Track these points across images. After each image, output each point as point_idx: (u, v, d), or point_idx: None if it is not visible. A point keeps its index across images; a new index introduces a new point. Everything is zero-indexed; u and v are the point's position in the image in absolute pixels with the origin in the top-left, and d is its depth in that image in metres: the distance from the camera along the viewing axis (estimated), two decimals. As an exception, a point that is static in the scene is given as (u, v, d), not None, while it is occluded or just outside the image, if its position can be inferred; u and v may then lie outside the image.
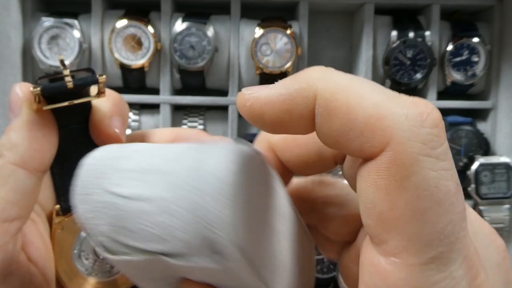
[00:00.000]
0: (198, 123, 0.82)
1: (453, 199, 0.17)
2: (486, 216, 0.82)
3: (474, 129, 0.84)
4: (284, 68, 0.79)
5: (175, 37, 0.78)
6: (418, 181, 0.16)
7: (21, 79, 0.79)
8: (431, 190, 0.16)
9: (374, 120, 0.17)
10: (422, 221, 0.16)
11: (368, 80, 0.19)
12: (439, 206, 0.16)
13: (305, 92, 0.19)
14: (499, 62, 0.86)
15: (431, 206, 0.16)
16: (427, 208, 0.16)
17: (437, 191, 0.16)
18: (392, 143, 0.17)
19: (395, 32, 0.82)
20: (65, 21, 0.78)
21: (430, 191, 0.16)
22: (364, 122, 0.17)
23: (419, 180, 0.16)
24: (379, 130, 0.17)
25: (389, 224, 0.17)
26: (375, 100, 0.17)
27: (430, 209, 0.16)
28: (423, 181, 0.16)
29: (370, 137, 0.17)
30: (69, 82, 0.24)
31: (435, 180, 0.16)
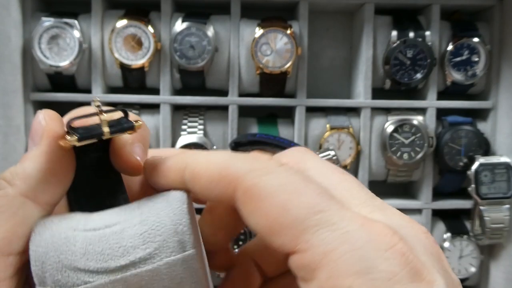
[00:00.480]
0: (198, 123, 0.82)
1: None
2: (486, 216, 0.82)
3: (474, 129, 0.84)
4: (284, 68, 0.79)
5: (175, 37, 0.78)
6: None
7: (21, 79, 0.79)
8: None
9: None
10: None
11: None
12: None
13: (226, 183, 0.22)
14: (499, 62, 0.86)
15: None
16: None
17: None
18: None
19: (395, 32, 0.82)
20: (65, 21, 0.78)
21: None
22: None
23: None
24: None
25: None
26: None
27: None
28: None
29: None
30: (107, 132, 0.24)
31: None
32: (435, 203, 0.86)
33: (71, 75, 0.80)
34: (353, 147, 0.83)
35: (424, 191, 0.86)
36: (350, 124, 0.83)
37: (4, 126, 0.74)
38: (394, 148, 0.82)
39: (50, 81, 0.82)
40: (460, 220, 0.87)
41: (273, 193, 0.20)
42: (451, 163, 0.83)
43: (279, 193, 0.20)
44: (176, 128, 0.83)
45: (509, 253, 0.85)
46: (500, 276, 0.86)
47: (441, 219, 0.88)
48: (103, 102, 0.81)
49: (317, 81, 0.90)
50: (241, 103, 0.82)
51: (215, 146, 0.82)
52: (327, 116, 0.85)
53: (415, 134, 0.82)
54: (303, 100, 0.83)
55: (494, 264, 0.88)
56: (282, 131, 0.84)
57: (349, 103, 0.85)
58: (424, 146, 0.82)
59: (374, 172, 0.85)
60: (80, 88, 0.83)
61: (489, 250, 0.88)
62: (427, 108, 0.84)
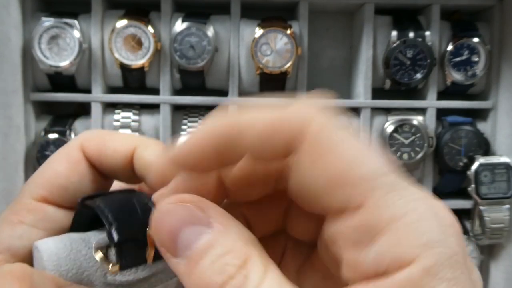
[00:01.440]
0: (198, 123, 0.82)
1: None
2: (486, 216, 0.82)
3: (474, 129, 0.84)
4: (284, 68, 0.79)
5: (175, 37, 0.78)
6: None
7: (21, 79, 0.79)
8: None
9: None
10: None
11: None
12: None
13: (294, 123, 0.19)
14: (499, 62, 0.86)
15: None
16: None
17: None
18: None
19: (395, 32, 0.82)
20: (65, 21, 0.78)
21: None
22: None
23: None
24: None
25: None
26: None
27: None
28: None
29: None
30: (150, 259, 0.23)
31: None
32: (435, 203, 0.86)
33: (71, 75, 0.80)
34: (353, 147, 0.83)
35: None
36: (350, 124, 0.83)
37: (4, 126, 0.74)
38: (394, 148, 0.82)
39: (50, 81, 0.82)
40: (460, 220, 0.87)
41: (346, 142, 0.18)
42: (451, 163, 0.83)
43: (351, 144, 0.19)
44: (176, 128, 0.83)
45: (509, 253, 0.85)
46: (500, 276, 0.86)
47: (441, 219, 0.88)
48: (103, 102, 0.81)
49: (317, 81, 0.90)
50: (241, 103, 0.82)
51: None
52: (327, 116, 0.84)
53: (415, 134, 0.82)
54: (303, 100, 0.83)
55: (494, 264, 0.88)
56: (282, 131, 0.84)
57: (349, 103, 0.85)
58: (424, 146, 0.82)
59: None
60: (80, 88, 0.83)
61: (489, 250, 0.88)
62: (427, 108, 0.84)
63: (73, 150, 0.25)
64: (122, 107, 0.82)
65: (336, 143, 0.18)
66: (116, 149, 0.25)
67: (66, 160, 0.25)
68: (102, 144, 0.25)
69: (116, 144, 0.25)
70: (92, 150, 0.25)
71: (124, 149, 0.25)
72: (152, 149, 0.25)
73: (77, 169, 0.25)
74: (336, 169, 0.18)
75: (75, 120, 0.82)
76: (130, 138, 0.26)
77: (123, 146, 0.25)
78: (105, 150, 0.25)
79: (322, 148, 0.18)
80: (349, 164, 0.18)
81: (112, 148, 0.25)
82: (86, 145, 0.25)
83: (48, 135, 0.79)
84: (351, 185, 0.18)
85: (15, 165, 0.76)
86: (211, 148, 0.20)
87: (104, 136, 0.26)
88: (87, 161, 0.25)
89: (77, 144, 0.25)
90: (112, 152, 0.25)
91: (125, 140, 0.25)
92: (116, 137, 0.26)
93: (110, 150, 0.25)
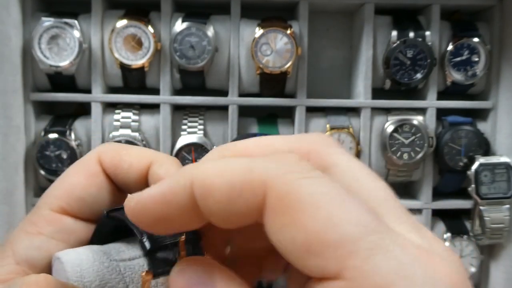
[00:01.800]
0: (198, 123, 0.82)
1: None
2: (486, 216, 0.82)
3: (474, 129, 0.84)
4: (284, 68, 0.79)
5: (175, 37, 0.78)
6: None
7: (21, 79, 0.79)
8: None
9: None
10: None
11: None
12: None
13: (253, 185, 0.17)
14: (499, 62, 0.86)
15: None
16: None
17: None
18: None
19: (395, 32, 0.82)
20: (65, 21, 0.78)
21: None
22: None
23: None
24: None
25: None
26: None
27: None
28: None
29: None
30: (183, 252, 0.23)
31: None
32: (435, 203, 0.86)
33: (71, 75, 0.80)
34: (353, 147, 0.83)
35: (424, 191, 0.86)
36: (350, 124, 0.83)
37: (4, 126, 0.74)
38: (394, 148, 0.82)
39: (50, 81, 0.82)
40: (460, 220, 0.87)
41: (317, 202, 0.16)
42: (451, 163, 0.83)
43: (323, 202, 0.16)
44: (176, 128, 0.83)
45: (509, 253, 0.85)
46: (500, 276, 0.86)
47: (441, 219, 0.88)
48: (103, 102, 0.81)
49: (317, 81, 0.90)
50: (241, 103, 0.82)
51: (215, 146, 0.82)
52: (327, 116, 0.85)
53: (415, 134, 0.82)
54: (303, 100, 0.83)
55: (494, 264, 0.88)
56: (282, 131, 0.84)
57: (349, 103, 0.85)
58: (424, 146, 0.82)
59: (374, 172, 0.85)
60: (80, 88, 0.83)
61: (489, 250, 0.88)
62: (427, 108, 0.84)
63: (91, 163, 0.25)
64: (122, 107, 0.82)
65: (306, 201, 0.16)
66: (132, 164, 0.25)
67: (84, 172, 0.25)
68: (118, 158, 0.25)
69: (132, 159, 0.25)
70: (108, 163, 0.25)
71: (140, 165, 0.25)
72: (166, 167, 0.25)
73: (95, 182, 0.25)
74: (307, 234, 0.16)
75: (75, 120, 0.82)
76: (145, 153, 0.25)
77: (139, 162, 0.25)
78: (121, 164, 0.25)
79: (290, 209, 0.16)
80: (321, 226, 0.16)
81: (128, 163, 0.25)
82: (103, 157, 0.25)
83: (48, 135, 0.79)
84: (325, 252, 0.16)
85: (15, 165, 0.76)
86: (166, 213, 0.19)
87: (120, 150, 0.26)
88: (104, 174, 0.25)
89: (94, 156, 0.26)
90: (128, 166, 0.25)
91: (141, 155, 0.25)
92: (132, 151, 0.26)
93: (126, 165, 0.25)
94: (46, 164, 0.79)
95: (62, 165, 0.79)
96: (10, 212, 0.75)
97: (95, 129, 0.81)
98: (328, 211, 0.16)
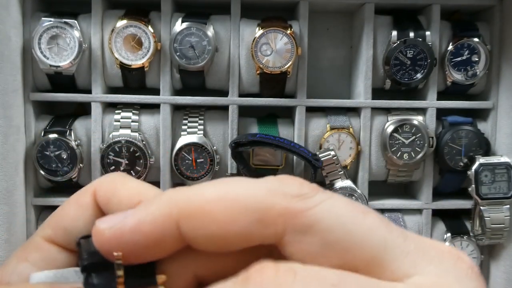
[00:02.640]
0: (198, 123, 0.82)
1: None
2: (486, 216, 0.82)
3: (474, 129, 0.84)
4: (284, 68, 0.79)
5: (175, 37, 0.78)
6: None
7: (21, 79, 0.79)
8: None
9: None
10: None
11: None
12: None
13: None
14: (499, 62, 0.86)
15: None
16: None
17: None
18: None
19: (395, 32, 0.82)
20: (65, 21, 0.78)
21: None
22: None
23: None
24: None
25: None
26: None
27: None
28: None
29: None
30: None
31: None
32: (435, 203, 0.86)
33: (71, 75, 0.80)
34: (353, 147, 0.83)
35: (424, 191, 0.86)
36: (350, 124, 0.83)
37: (4, 126, 0.73)
38: (394, 148, 0.82)
39: (50, 81, 0.82)
40: (460, 220, 0.87)
41: (339, 224, 0.19)
42: (451, 163, 0.83)
43: (345, 223, 0.19)
44: (176, 128, 0.83)
45: (509, 253, 0.85)
46: (500, 276, 0.86)
47: (441, 219, 0.88)
48: (103, 102, 0.81)
49: (317, 81, 0.90)
50: (241, 103, 0.82)
51: (215, 146, 0.82)
52: (327, 116, 0.85)
53: (415, 134, 0.82)
54: (303, 100, 0.83)
55: (494, 264, 0.88)
56: (282, 131, 0.84)
57: (349, 103, 0.85)
58: (424, 146, 0.82)
59: (374, 172, 0.85)
60: (80, 88, 0.83)
61: (489, 250, 0.88)
62: (427, 108, 0.84)
63: (84, 194, 0.25)
64: (122, 107, 0.82)
65: (332, 224, 0.18)
66: (121, 201, 0.24)
67: (75, 203, 0.25)
68: (111, 193, 0.24)
69: (122, 196, 0.24)
70: (101, 197, 0.25)
71: (129, 203, 0.24)
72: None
73: (84, 214, 0.25)
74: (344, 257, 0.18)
75: (75, 120, 0.82)
76: (139, 191, 0.24)
77: (129, 200, 0.24)
78: (112, 199, 0.24)
79: (320, 232, 0.18)
80: (352, 250, 0.18)
81: (118, 199, 0.24)
82: (98, 189, 0.25)
83: (48, 135, 0.79)
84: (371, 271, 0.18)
85: (15, 165, 0.76)
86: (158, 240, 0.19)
87: (116, 184, 0.25)
88: (96, 207, 0.25)
89: (90, 188, 0.25)
90: (118, 203, 0.24)
91: (132, 192, 0.24)
92: (127, 186, 0.25)
93: (116, 200, 0.24)
94: (46, 164, 0.79)
95: (62, 165, 0.79)
96: (10, 212, 0.75)
97: (95, 129, 0.81)
98: (353, 232, 0.19)
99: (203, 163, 0.81)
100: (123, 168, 0.80)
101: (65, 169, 0.79)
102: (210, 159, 0.81)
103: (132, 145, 0.79)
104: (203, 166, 0.81)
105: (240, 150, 0.80)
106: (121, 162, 0.80)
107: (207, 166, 0.81)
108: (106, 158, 0.79)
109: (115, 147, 0.79)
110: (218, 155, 0.82)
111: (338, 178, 0.81)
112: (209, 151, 0.80)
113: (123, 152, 0.79)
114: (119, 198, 0.24)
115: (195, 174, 0.81)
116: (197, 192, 0.20)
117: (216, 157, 0.81)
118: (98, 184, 0.25)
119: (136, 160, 0.80)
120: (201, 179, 0.82)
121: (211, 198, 0.19)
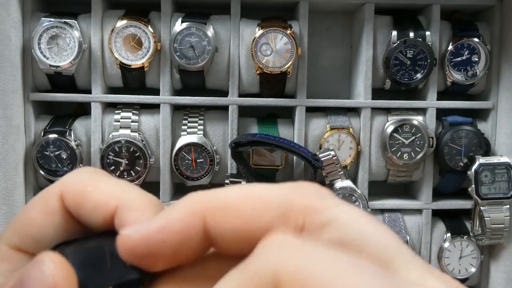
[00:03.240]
0: (198, 123, 0.82)
1: None
2: (486, 216, 0.82)
3: (474, 129, 0.84)
4: (284, 68, 0.79)
5: (175, 37, 0.78)
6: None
7: (21, 79, 0.79)
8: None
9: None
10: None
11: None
12: None
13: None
14: (499, 62, 0.86)
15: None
16: None
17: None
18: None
19: (395, 32, 0.82)
20: (65, 21, 0.78)
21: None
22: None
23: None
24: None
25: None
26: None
27: None
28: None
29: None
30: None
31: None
32: (435, 203, 0.86)
33: (71, 75, 0.80)
34: (353, 147, 0.83)
35: (424, 191, 0.86)
36: (350, 124, 0.83)
37: (4, 126, 0.73)
38: (394, 148, 0.82)
39: (50, 81, 0.82)
40: (460, 220, 0.87)
41: (356, 224, 0.19)
42: (451, 163, 0.83)
43: (362, 223, 0.19)
44: (176, 128, 0.83)
45: (509, 253, 0.85)
46: (500, 276, 0.86)
47: (441, 219, 0.88)
48: (103, 102, 0.81)
49: (317, 81, 0.90)
50: (241, 103, 0.82)
51: (215, 146, 0.82)
52: (327, 116, 0.85)
53: (415, 134, 0.82)
54: (303, 100, 0.83)
55: (494, 264, 0.88)
56: (282, 131, 0.84)
57: (349, 103, 0.85)
58: (424, 146, 0.82)
59: (374, 172, 0.85)
60: (80, 88, 0.83)
61: (489, 250, 0.88)
62: (427, 108, 0.84)
63: (50, 199, 0.23)
64: (122, 107, 0.82)
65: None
66: (97, 205, 0.22)
67: (41, 209, 0.22)
68: (81, 196, 0.22)
69: (96, 199, 0.22)
70: (70, 201, 0.22)
71: (106, 208, 0.22)
72: (136, 214, 0.21)
73: (52, 221, 0.22)
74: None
75: (74, 120, 0.82)
76: (115, 193, 0.22)
77: (105, 204, 0.22)
78: (84, 204, 0.22)
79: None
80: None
81: (92, 203, 0.22)
82: (65, 193, 0.22)
83: (48, 135, 0.79)
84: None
85: (15, 165, 0.76)
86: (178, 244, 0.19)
87: (86, 186, 0.22)
88: (65, 211, 0.22)
89: (56, 191, 0.23)
90: (92, 208, 0.22)
91: (109, 195, 0.22)
92: (101, 188, 0.22)
93: (90, 205, 0.22)
94: (46, 164, 0.79)
95: (62, 165, 0.79)
96: (10, 212, 0.75)
97: (95, 129, 0.80)
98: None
99: (203, 163, 0.81)
100: (123, 168, 0.80)
101: (65, 169, 0.79)
102: (210, 159, 0.81)
103: (132, 145, 0.79)
104: (203, 166, 0.81)
105: (240, 150, 0.80)
106: (121, 162, 0.80)
107: (207, 166, 0.81)
108: (106, 158, 0.79)
109: (115, 147, 0.79)
110: (218, 155, 0.82)
111: (338, 178, 0.81)
112: (209, 151, 0.80)
113: (123, 152, 0.79)
114: (94, 203, 0.22)
115: (195, 174, 0.81)
116: (221, 192, 0.20)
117: (216, 157, 0.81)
118: (65, 186, 0.23)
119: (136, 160, 0.80)
120: (201, 179, 0.82)
121: (236, 196, 0.20)
